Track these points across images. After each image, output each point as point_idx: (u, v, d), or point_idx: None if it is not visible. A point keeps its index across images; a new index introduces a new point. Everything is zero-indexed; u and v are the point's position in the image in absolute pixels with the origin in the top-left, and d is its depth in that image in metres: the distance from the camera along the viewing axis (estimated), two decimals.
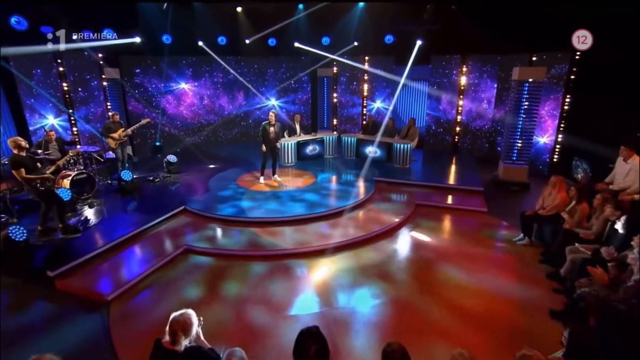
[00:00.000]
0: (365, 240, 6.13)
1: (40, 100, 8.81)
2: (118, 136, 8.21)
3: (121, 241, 5.82)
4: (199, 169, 9.67)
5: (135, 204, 7.38)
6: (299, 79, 13.52)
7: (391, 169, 9.50)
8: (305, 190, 7.90)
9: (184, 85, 12.07)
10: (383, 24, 11.45)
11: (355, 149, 10.51)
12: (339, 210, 6.97)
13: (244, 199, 7.42)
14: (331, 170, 9.62)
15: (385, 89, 12.64)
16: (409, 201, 7.67)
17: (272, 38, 12.51)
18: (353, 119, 13.28)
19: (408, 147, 9.49)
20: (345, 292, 4.77)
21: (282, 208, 6.95)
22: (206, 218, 6.79)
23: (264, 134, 8.11)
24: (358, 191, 7.79)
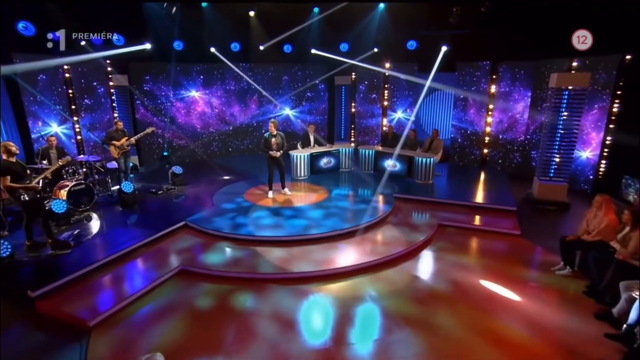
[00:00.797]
0: (380, 264, 5.68)
1: (44, 107, 8.86)
2: (120, 145, 8.12)
3: (112, 259, 5.57)
4: (206, 181, 9.51)
5: (135, 217, 7.19)
6: (315, 88, 13.33)
7: (412, 184, 9.08)
8: (316, 206, 7.56)
9: (195, 93, 12.06)
10: (405, 29, 11.17)
11: (374, 162, 10.16)
12: (351, 229, 6.55)
13: (249, 215, 7.13)
14: (346, 185, 9.29)
15: (407, 98, 12.27)
16: (431, 221, 7.19)
17: (287, 44, 12.46)
18: (372, 130, 12.96)
19: (431, 161, 9.04)
20: (355, 324, 4.31)
21: (289, 226, 6.61)
22: (208, 235, 6.51)
23: (267, 146, 7.89)
24: (375, 209, 7.39)
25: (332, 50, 12.07)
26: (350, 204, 7.82)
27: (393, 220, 7.22)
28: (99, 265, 5.39)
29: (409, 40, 11.44)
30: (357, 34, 11.79)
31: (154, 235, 6.28)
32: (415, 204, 8.00)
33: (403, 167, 9.56)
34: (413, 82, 11.87)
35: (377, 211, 7.27)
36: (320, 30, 11.89)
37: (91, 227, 6.59)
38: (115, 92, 10.57)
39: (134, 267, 5.55)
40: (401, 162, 9.59)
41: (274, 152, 7.82)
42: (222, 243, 6.26)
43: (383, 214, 7.18)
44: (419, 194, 8.36)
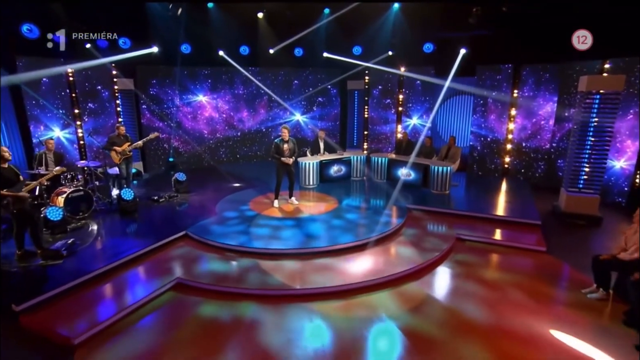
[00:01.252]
0: (391, 281, 5.33)
1: (47, 111, 8.85)
2: (122, 150, 8.02)
3: (105, 271, 5.37)
4: (211, 189, 9.37)
5: (133, 226, 7.04)
6: (327, 92, 13.16)
7: (427, 195, 8.74)
8: (324, 217, 7.28)
9: (202, 97, 12.00)
10: (421, 31, 10.89)
11: (387, 170, 9.87)
12: (361, 243, 6.22)
13: (253, 225, 6.90)
14: (357, 194, 9.04)
15: (423, 103, 11.94)
16: (447, 234, 6.82)
17: (298, 48, 12.37)
18: (385, 137, 12.66)
19: (448, 169, 8.68)
20: (368, 349, 3.96)
21: (294, 237, 6.34)
22: (208, 246, 6.28)
23: (278, 152, 7.67)
24: (387, 220, 7.07)
25: (344, 53, 11.92)
26: (361, 214, 7.53)
27: (406, 232, 6.89)
28: (89, 278, 5.20)
29: (426, 43, 11.16)
30: (371, 37, 11.58)
31: (151, 246, 6.09)
32: (431, 216, 7.66)
33: (418, 176, 9.25)
34: (429, 86, 11.58)
35: (390, 223, 6.94)
36: (332, 33, 11.74)
37: (86, 236, 6.43)
38: (120, 96, 10.55)
39: (126, 280, 5.33)
40: (416, 170, 9.28)
41: (286, 159, 7.60)
42: (223, 255, 6.01)
43: (396, 226, 6.86)
44: (434, 204, 8.01)
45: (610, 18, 7.29)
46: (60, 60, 8.80)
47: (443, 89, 10.51)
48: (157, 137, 8.80)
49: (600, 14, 7.44)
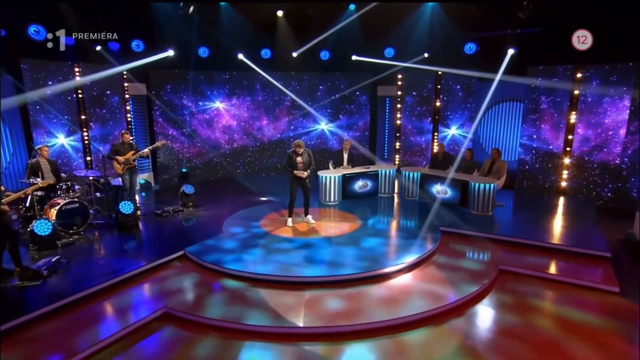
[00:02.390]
0: (416, 321, 4.64)
1: (51, 117, 8.87)
2: (125, 160, 7.84)
3: (86, 295, 5.02)
4: (222, 203, 9.15)
5: (130, 244, 6.78)
6: (356, 99, 12.72)
7: (466, 215, 8.00)
8: (343, 240, 6.71)
9: (219, 104, 11.89)
10: (462, 30, 10.25)
11: (419, 187, 9.22)
12: (382, 272, 5.58)
13: (260, 247, 6.43)
14: (384, 213, 8.50)
15: (464, 111, 11.19)
16: (489, 264, 6.04)
17: (324, 50, 12.06)
18: (420, 150, 12.02)
19: (491, 187, 7.92)
20: None
21: (304, 262, 5.80)
22: (206, 270, 5.85)
23: (290, 164, 7.25)
24: (416, 245, 6.40)
25: (375, 56, 11.56)
26: (386, 237, 6.92)
27: (438, 261, 6.17)
28: (68, 302, 4.85)
29: (467, 43, 10.47)
30: (404, 38, 11.06)
31: (141, 268, 5.72)
32: (469, 242, 6.91)
33: (455, 194, 8.55)
34: (471, 91, 10.93)
35: (418, 249, 6.26)
36: (361, 35, 11.34)
37: (76, 254, 6.18)
38: (131, 102, 10.53)
39: (109, 307, 4.94)
40: (453, 187, 8.59)
41: (300, 172, 7.18)
42: (223, 280, 5.54)
43: (426, 253, 6.17)
44: (474, 228, 7.24)
45: None
46: (67, 63, 8.85)
47: (488, 94, 9.80)
48: (164, 144, 8.65)
49: None
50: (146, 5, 9.60)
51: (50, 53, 8.09)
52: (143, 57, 10.00)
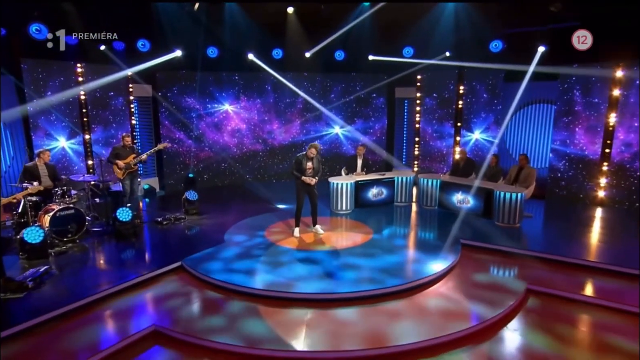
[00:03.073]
0: (434, 346, 4.26)
1: (52, 119, 8.84)
2: (125, 164, 7.72)
3: (72, 309, 4.82)
4: (227, 210, 9.02)
5: (125, 253, 6.61)
6: (372, 102, 12.46)
7: (490, 227, 7.58)
8: (352, 252, 6.40)
9: (228, 106, 11.75)
10: (487, 26, 9.81)
11: (438, 195, 8.89)
12: (395, 289, 5.23)
13: (262, 259, 6.17)
14: (400, 224, 8.21)
15: (489, 114, 10.75)
16: (516, 283, 5.60)
17: (339, 50, 11.88)
18: (441, 155, 11.65)
19: (518, 196, 7.50)
20: None
21: (309, 276, 5.50)
22: (203, 283, 5.61)
23: (299, 169, 6.99)
24: (434, 259, 6.04)
25: (393, 56, 11.32)
26: (401, 250, 6.58)
27: (458, 278, 5.77)
28: (51, 317, 4.66)
29: (493, 40, 10.06)
30: (424, 35, 10.71)
31: (135, 280, 5.52)
32: (494, 257, 6.50)
33: (478, 203, 8.18)
34: (497, 93, 10.54)
35: (437, 263, 5.89)
36: (379, 33, 11.08)
37: (67, 263, 6.03)
38: (136, 103, 10.48)
39: (93, 323, 4.71)
40: (476, 196, 8.21)
41: (309, 179, 6.93)
42: (219, 295, 5.28)
43: (445, 269, 5.79)
44: (499, 241, 6.83)
45: None
46: (69, 63, 8.82)
47: (517, 94, 9.40)
48: (166, 147, 8.56)
49: None
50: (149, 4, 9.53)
51: (52, 53, 8.03)
52: (149, 57, 9.94)
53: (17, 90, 8.32)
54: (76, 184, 7.94)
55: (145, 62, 9.81)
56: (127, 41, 9.59)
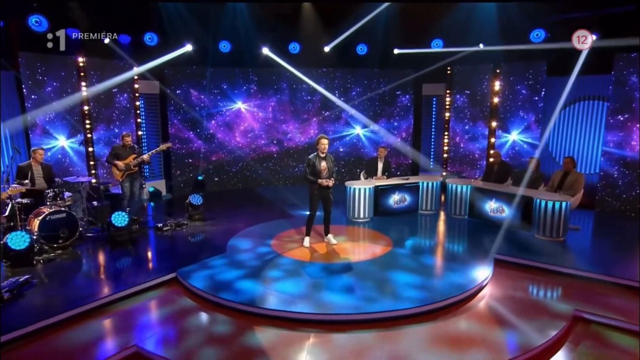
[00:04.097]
0: None
1: (51, 116, 8.74)
2: (124, 165, 7.55)
3: (48, 324, 4.51)
4: (234, 216, 8.81)
5: (118, 262, 6.36)
6: (396, 101, 12.09)
7: (529, 241, 7.03)
8: (368, 266, 5.95)
9: (240, 104, 11.58)
10: (526, 13, 9.28)
11: (469, 203, 8.41)
12: (416, 311, 4.73)
13: (264, 271, 5.79)
14: (424, 234, 7.80)
15: (529, 112, 10.11)
16: (561, 307, 4.98)
17: (361, 44, 11.63)
18: (473, 159, 11.13)
19: (563, 206, 6.91)
20: None
21: (315, 292, 5.08)
22: (197, 298, 5.26)
23: (313, 172, 6.58)
24: (463, 276, 5.53)
25: (421, 49, 10.96)
26: (424, 265, 6.06)
27: (492, 300, 5.20)
28: (24, 334, 4.35)
29: (534, 29, 9.46)
30: (456, 26, 10.24)
31: (123, 292, 5.20)
32: (532, 275, 5.92)
33: (515, 213, 7.60)
34: (538, 89, 9.87)
35: (466, 281, 5.37)
36: (404, 25, 10.71)
37: (53, 272, 5.78)
38: (142, 101, 10.37)
39: (68, 342, 4.37)
40: (512, 205, 7.64)
41: (325, 181, 6.50)
42: (212, 313, 4.90)
43: (474, 288, 5.26)
44: (539, 257, 6.24)
45: None
46: (70, 57, 8.73)
47: (564, 90, 8.76)
48: (169, 148, 8.42)
49: None
50: None
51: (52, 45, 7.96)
52: (157, 51, 9.86)
53: (18, 86, 8.26)
54: (74, 185, 7.79)
55: (153, 56, 9.73)
56: (133, 34, 9.49)
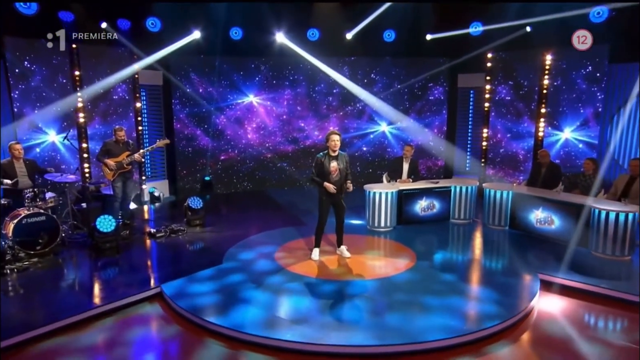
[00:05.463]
0: None
1: (41, 107, 8.54)
2: (116, 163, 7.34)
3: (9, 345, 4.15)
4: (238, 222, 8.55)
5: (100, 273, 6.07)
6: (428, 93, 11.66)
7: (585, 259, 6.39)
8: (385, 285, 5.48)
9: (253, 97, 11.32)
10: None
11: (510, 211, 7.89)
12: (438, 346, 4.16)
13: (262, 288, 5.38)
14: (455, 248, 7.39)
15: (586, 106, 9.45)
16: (627, 345, 4.33)
17: (389, 30, 11.19)
18: (516, 160, 10.64)
19: (630, 217, 6.24)
20: None
21: (316, 317, 4.61)
22: (182, 319, 4.84)
23: (320, 173, 6.12)
24: (501, 300, 4.99)
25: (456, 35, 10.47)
26: (455, 285, 5.56)
27: (535, 332, 4.61)
28: None
29: (594, 7, 8.66)
30: (498, 6, 9.69)
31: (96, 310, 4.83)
32: (590, 302, 5.29)
33: (567, 225, 6.98)
34: (598, 79, 9.14)
35: (505, 306, 4.82)
36: (438, 7, 10.31)
37: (24, 284, 5.50)
38: (143, 92, 10.19)
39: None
40: (562, 215, 7.05)
41: (331, 186, 6.04)
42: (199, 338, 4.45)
43: (515, 317, 4.66)
44: (598, 280, 5.59)
45: None
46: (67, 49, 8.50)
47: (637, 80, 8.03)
48: (166, 144, 8.28)
49: None
50: None
51: (41, 30, 7.76)
52: (161, 38, 9.65)
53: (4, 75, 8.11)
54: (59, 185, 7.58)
55: (156, 44, 9.53)
56: (134, 19, 9.29)
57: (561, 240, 6.96)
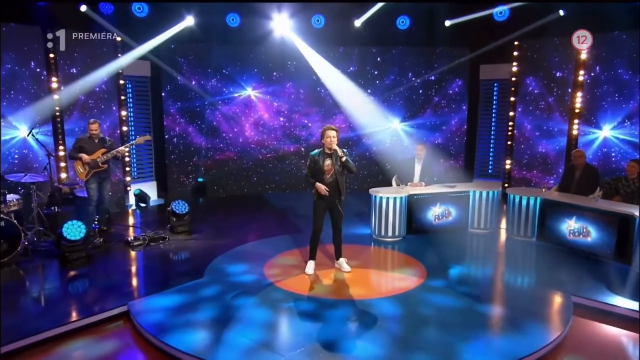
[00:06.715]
0: None
1: (11, 99, 8.36)
2: (90, 161, 7.09)
3: None
4: (228, 229, 8.35)
5: (63, 287, 5.85)
6: (447, 87, 11.46)
7: (627, 279, 6.00)
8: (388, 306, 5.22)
9: (251, 91, 11.17)
10: None
11: (538, 220, 7.58)
12: None
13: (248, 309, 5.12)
14: (473, 262, 7.06)
15: (629, 101, 9.13)
16: None
17: (402, 16, 11.05)
18: (546, 162, 10.40)
19: None
20: None
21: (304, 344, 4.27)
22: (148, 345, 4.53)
23: (314, 172, 5.85)
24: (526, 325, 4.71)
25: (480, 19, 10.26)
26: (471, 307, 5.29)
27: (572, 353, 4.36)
28: None
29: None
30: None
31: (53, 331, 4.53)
32: (632, 330, 4.89)
33: (605, 237, 6.62)
34: None
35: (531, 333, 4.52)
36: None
37: None
38: (129, 85, 10.06)
39: None
40: (600, 225, 6.70)
41: (323, 188, 5.76)
42: None
43: (544, 348, 4.32)
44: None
45: None
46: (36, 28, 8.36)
47: None
48: (148, 139, 8.06)
49: None
50: None
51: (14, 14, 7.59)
52: (149, 24, 9.45)
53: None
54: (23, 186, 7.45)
55: (143, 31, 9.33)
56: (118, 2, 9.12)
57: (598, 256, 6.65)
